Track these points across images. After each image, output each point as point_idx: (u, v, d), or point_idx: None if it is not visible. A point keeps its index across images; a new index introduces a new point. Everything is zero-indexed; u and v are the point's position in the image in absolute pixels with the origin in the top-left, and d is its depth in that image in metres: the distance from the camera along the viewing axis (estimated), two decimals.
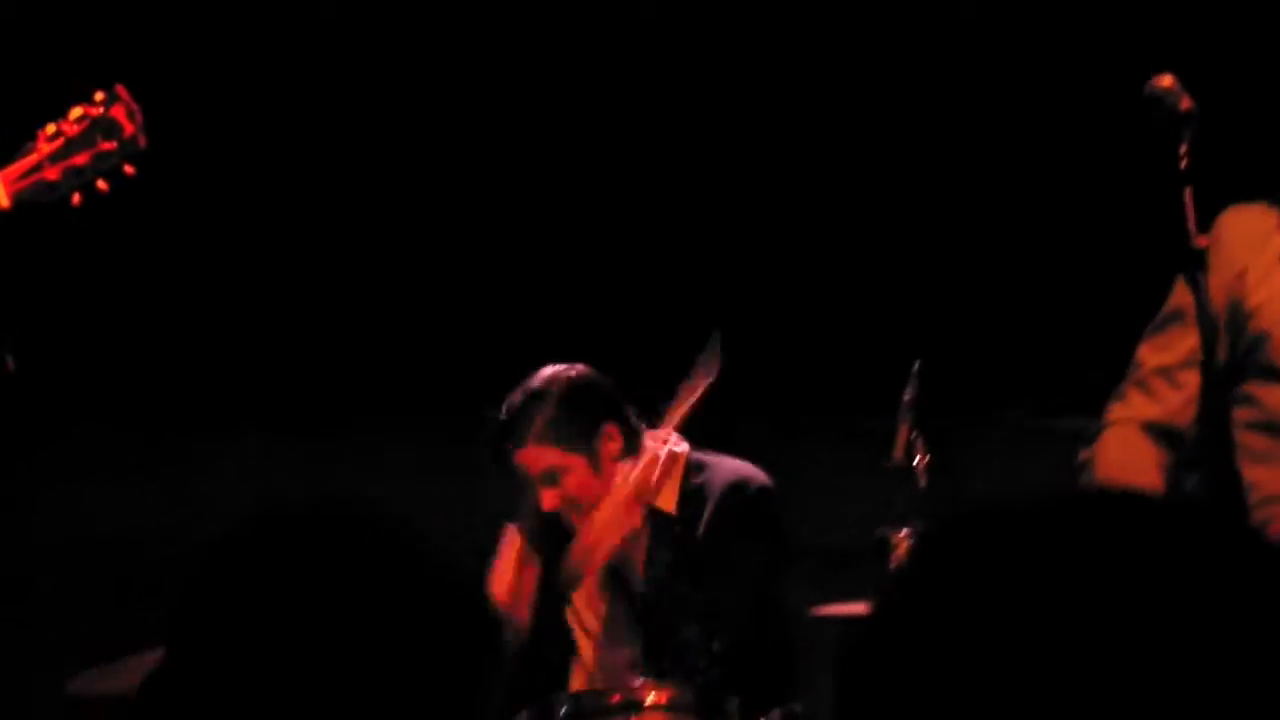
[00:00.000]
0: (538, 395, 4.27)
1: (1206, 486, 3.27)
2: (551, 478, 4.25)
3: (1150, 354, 3.59)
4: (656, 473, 4.33)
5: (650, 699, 3.96)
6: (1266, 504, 3.45)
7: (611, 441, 4.29)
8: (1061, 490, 1.13)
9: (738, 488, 4.30)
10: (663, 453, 4.37)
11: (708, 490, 4.31)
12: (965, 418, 5.58)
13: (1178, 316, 3.57)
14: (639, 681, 4.08)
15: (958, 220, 5.77)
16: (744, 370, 5.88)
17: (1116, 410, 3.61)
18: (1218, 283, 3.46)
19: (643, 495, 4.31)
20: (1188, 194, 3.09)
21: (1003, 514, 1.13)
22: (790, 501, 4.43)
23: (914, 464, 4.07)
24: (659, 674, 4.11)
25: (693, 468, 4.37)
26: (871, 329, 5.73)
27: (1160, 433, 3.51)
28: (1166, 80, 3.17)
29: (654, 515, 4.34)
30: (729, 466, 4.37)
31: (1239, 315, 3.51)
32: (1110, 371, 3.81)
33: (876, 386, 4.27)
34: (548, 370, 4.33)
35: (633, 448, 4.33)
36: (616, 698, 3.98)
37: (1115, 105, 3.38)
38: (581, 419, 4.27)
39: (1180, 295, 3.56)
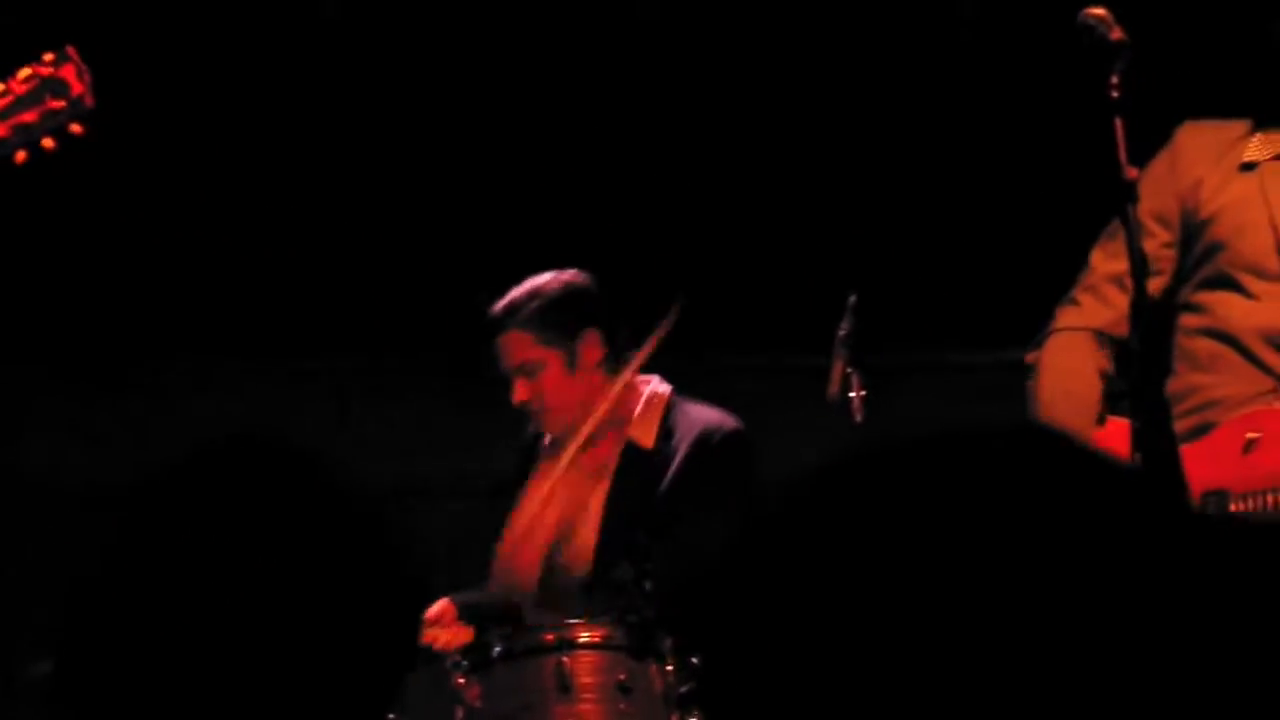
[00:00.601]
0: (533, 289, 4.39)
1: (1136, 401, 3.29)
2: (527, 370, 4.35)
3: (1102, 260, 3.63)
4: (640, 406, 4.44)
5: (583, 637, 3.96)
6: (1208, 407, 3.49)
7: (592, 349, 4.39)
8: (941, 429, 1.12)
9: (710, 431, 4.38)
10: (647, 390, 4.48)
11: (683, 432, 4.39)
12: (901, 352, 5.58)
13: (1126, 219, 3.58)
14: (573, 620, 4.09)
15: (890, 156, 5.75)
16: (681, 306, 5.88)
17: (1068, 315, 3.66)
18: (1172, 192, 3.53)
19: (617, 420, 4.40)
20: (1118, 124, 3.08)
21: (879, 454, 1.12)
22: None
23: (850, 398, 4.06)
24: (602, 611, 4.12)
25: (673, 407, 4.46)
26: (805, 264, 5.71)
27: (1107, 339, 3.57)
28: (1098, 10, 3.16)
29: (629, 448, 4.42)
30: (706, 412, 4.46)
31: (1191, 225, 3.55)
32: (1046, 303, 3.81)
33: (811, 322, 4.26)
34: (545, 274, 4.44)
35: (614, 363, 4.42)
36: (549, 636, 3.98)
37: (1048, 34, 3.36)
38: (566, 317, 4.37)
39: (1140, 190, 3.59)
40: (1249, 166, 3.55)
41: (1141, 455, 3.06)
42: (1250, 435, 3.42)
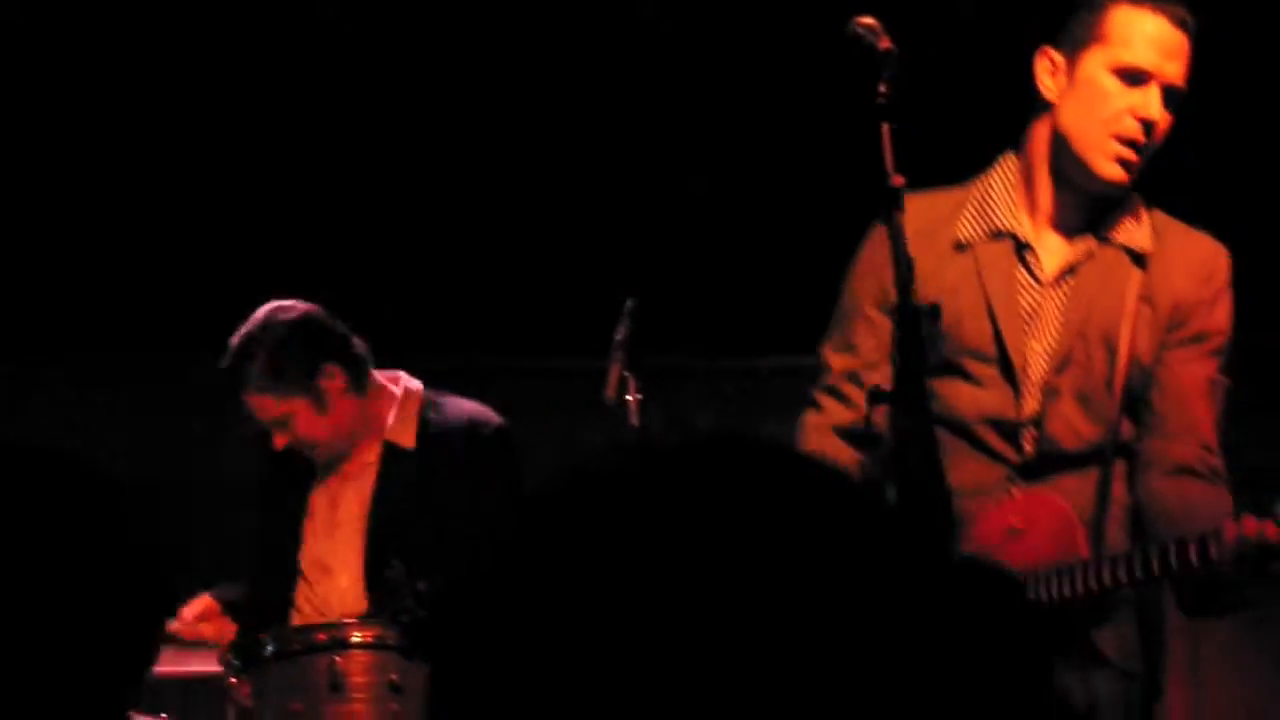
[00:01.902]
0: (251, 343, 4.26)
1: (901, 485, 3.26)
2: (279, 422, 4.29)
3: (834, 357, 3.60)
4: (395, 407, 4.39)
5: (355, 637, 3.95)
6: (959, 497, 3.49)
7: (333, 380, 4.30)
8: (658, 445, 1.11)
9: (476, 426, 4.36)
10: (399, 390, 4.42)
11: (445, 428, 4.36)
12: (679, 356, 5.61)
13: (856, 313, 3.59)
14: (347, 620, 4.08)
15: (667, 161, 5.79)
16: (460, 309, 5.88)
17: (812, 419, 3.61)
18: (889, 279, 3.36)
19: (374, 425, 4.37)
20: (885, 131, 3.13)
21: (595, 475, 1.11)
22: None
23: (626, 402, 4.08)
24: (376, 611, 4.11)
25: (429, 405, 4.42)
26: (582, 268, 5.73)
27: (854, 436, 3.51)
28: (867, 20, 3.20)
29: (389, 450, 4.37)
30: (465, 406, 4.43)
31: None
32: (821, 312, 3.85)
33: (588, 326, 4.27)
34: (261, 314, 4.32)
35: (360, 383, 4.35)
36: (322, 636, 3.97)
37: (818, 42, 3.40)
38: (297, 363, 4.26)
39: (858, 283, 3.59)
40: (962, 247, 3.53)
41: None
42: (1013, 522, 3.43)
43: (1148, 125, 3.42)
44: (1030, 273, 3.52)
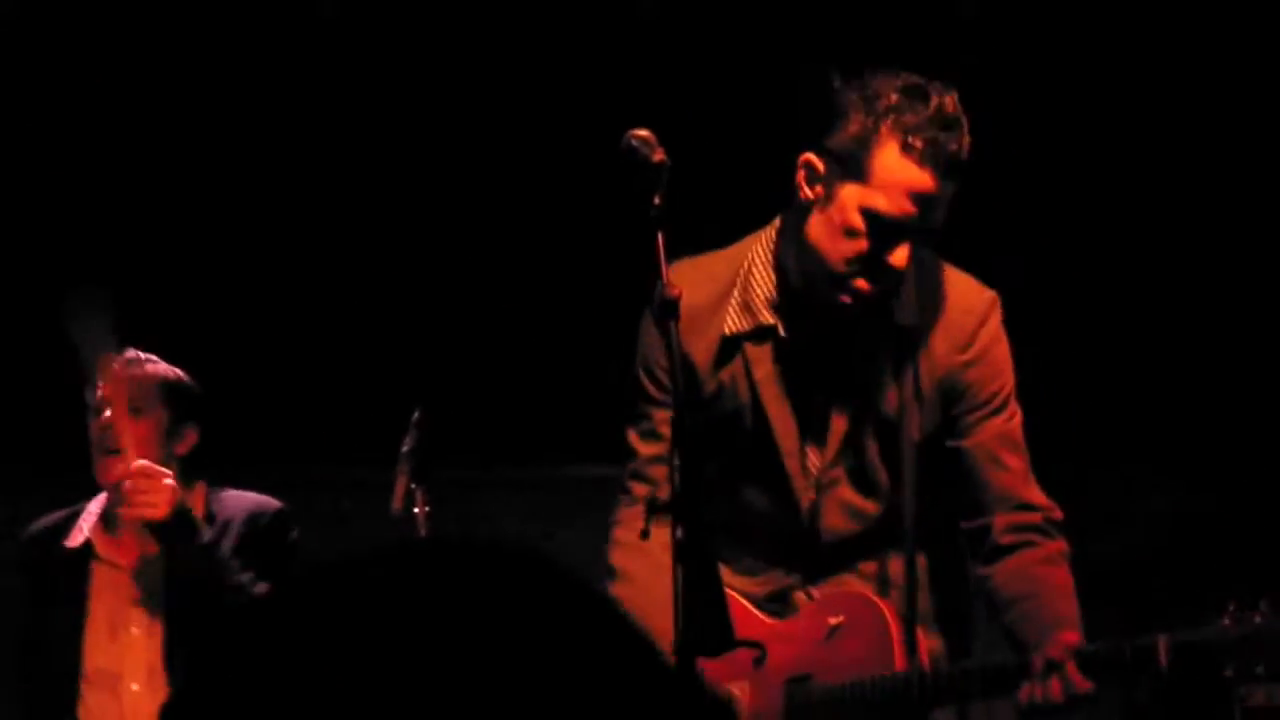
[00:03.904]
0: (161, 365, 4.41)
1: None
2: (137, 409, 4.32)
3: (640, 443, 3.61)
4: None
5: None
6: (742, 577, 3.50)
7: (185, 440, 4.42)
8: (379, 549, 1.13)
9: (261, 513, 4.43)
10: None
11: (229, 516, 4.41)
12: (469, 468, 5.59)
13: (648, 400, 3.60)
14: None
15: (457, 270, 5.80)
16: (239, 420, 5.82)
17: (625, 510, 3.62)
18: (665, 368, 3.45)
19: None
20: (660, 241, 3.14)
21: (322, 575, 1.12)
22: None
23: (414, 514, 4.04)
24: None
25: (211, 497, 4.47)
26: (371, 377, 5.70)
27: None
28: (643, 132, 3.22)
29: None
30: (246, 495, 4.50)
31: (694, 401, 3.48)
32: (611, 420, 3.84)
33: (376, 435, 4.25)
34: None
35: (189, 470, 4.42)
36: None
37: (597, 155, 3.42)
38: (182, 399, 4.41)
39: (642, 370, 3.60)
40: (729, 342, 3.52)
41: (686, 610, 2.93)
42: (833, 622, 3.44)
43: (889, 273, 3.35)
44: (797, 366, 3.51)
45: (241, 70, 5.77)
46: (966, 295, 3.54)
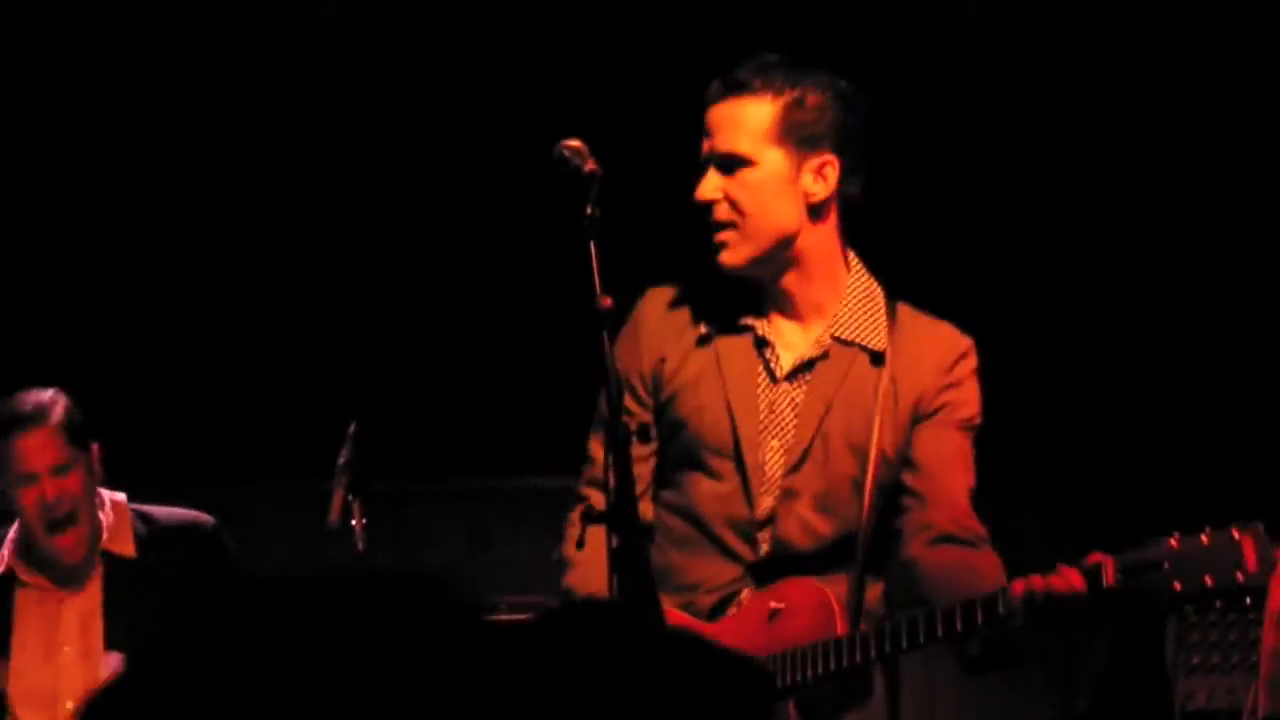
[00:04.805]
0: (46, 402, 4.36)
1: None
2: (60, 468, 4.30)
3: (600, 450, 3.58)
4: (110, 516, 4.42)
5: None
6: (689, 590, 3.51)
7: (96, 458, 4.40)
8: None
9: (193, 528, 4.43)
10: (108, 500, 4.46)
11: (160, 533, 4.40)
12: (406, 480, 5.57)
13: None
14: None
15: (393, 279, 5.78)
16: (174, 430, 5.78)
17: (575, 514, 3.55)
18: (646, 364, 3.53)
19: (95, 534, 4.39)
20: (592, 251, 3.14)
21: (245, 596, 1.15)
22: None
23: (351, 526, 4.03)
24: None
25: (138, 515, 4.46)
26: (307, 389, 5.68)
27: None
28: (574, 142, 3.22)
29: (109, 561, 4.38)
30: (175, 510, 4.49)
31: (660, 401, 3.55)
32: (549, 431, 3.83)
33: (313, 448, 4.23)
34: (31, 391, 4.40)
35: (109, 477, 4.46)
36: None
37: (529, 164, 3.41)
38: (82, 428, 4.38)
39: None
40: (704, 339, 3.55)
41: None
42: (774, 605, 3.44)
43: (706, 204, 3.46)
44: (768, 369, 3.53)
45: (240, 71, 5.75)
46: (949, 334, 3.59)
